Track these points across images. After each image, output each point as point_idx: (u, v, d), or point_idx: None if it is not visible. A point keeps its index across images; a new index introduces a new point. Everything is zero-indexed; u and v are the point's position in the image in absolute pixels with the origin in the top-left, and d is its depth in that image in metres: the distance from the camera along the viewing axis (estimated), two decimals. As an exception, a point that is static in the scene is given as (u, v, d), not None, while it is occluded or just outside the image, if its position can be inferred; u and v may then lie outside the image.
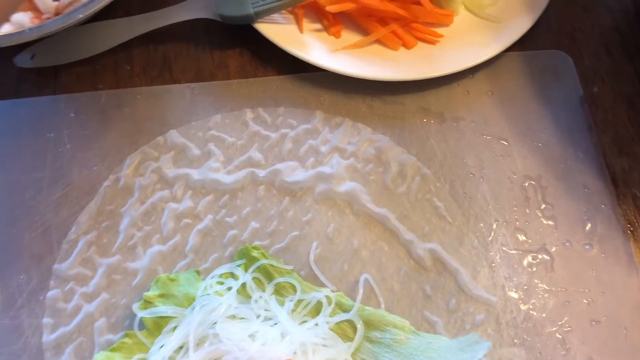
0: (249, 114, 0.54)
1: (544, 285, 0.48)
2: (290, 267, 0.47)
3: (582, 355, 0.46)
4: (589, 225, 0.51)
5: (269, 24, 0.55)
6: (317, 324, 0.44)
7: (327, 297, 0.45)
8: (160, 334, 0.43)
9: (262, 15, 0.55)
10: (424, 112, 0.55)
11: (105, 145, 0.52)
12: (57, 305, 0.46)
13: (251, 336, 0.42)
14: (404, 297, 0.47)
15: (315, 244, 0.49)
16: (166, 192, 0.50)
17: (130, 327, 0.45)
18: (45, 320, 0.46)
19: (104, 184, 0.51)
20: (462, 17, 0.58)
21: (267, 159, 0.52)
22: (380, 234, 0.49)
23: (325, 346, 0.43)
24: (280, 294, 0.46)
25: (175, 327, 0.43)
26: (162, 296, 0.45)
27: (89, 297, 0.47)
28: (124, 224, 0.49)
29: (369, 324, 0.44)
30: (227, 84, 0.56)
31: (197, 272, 0.46)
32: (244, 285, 0.45)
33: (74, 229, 0.49)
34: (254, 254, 0.46)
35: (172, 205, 0.50)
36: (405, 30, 0.56)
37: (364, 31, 0.57)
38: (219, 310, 0.43)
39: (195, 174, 0.51)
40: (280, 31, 0.55)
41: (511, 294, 0.48)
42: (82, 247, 0.48)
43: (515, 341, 0.46)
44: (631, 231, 0.51)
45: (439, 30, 0.57)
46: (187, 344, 0.42)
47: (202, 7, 0.55)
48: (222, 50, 0.58)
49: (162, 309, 0.44)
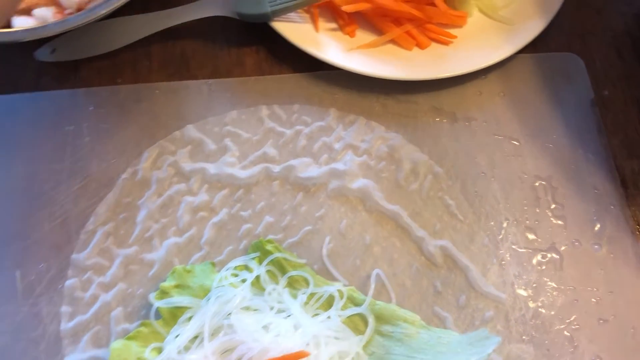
0: (265, 111, 0.55)
1: (552, 283, 0.49)
2: (303, 260, 0.48)
3: (589, 353, 0.46)
4: (598, 225, 0.51)
5: (285, 23, 0.56)
6: (329, 317, 0.44)
7: (339, 291, 0.46)
8: (175, 323, 0.44)
9: (278, 13, 0.55)
10: (436, 111, 0.56)
11: (123, 138, 0.53)
12: (75, 294, 0.47)
13: (265, 327, 0.43)
14: (414, 292, 0.48)
15: (328, 238, 0.50)
16: (183, 186, 0.51)
17: (146, 316, 0.46)
18: (63, 308, 0.47)
19: (122, 177, 0.52)
20: (475, 19, 0.59)
21: (282, 155, 0.53)
22: (392, 231, 0.50)
23: (337, 339, 0.44)
24: (293, 287, 0.46)
25: (190, 317, 0.44)
26: (178, 287, 0.46)
27: (106, 287, 0.48)
28: (141, 216, 0.50)
29: (380, 318, 0.45)
30: (243, 80, 0.57)
31: (213, 264, 0.47)
32: (258, 277, 0.46)
33: (92, 219, 0.50)
34: (268, 247, 0.47)
35: (189, 198, 0.51)
36: (419, 30, 0.57)
37: (378, 31, 0.58)
38: (234, 301, 0.44)
39: (211, 169, 0.52)
40: (296, 30, 0.56)
41: (520, 291, 0.48)
42: (100, 238, 0.49)
43: (523, 338, 0.47)
44: (640, 232, 0.51)
45: (453, 31, 0.58)
46: (202, 334, 0.43)
47: (220, 5, 0.56)
48: (239, 47, 0.59)
49: (178, 299, 0.45)
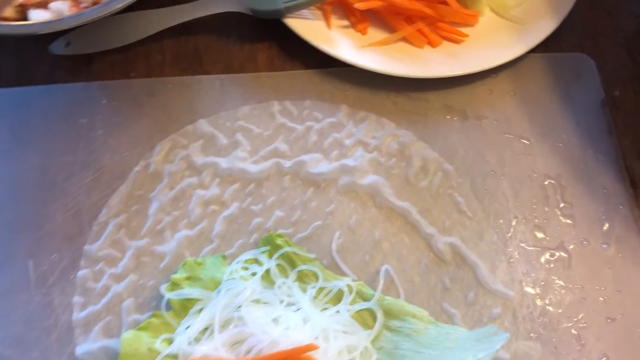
0: (276, 106, 0.55)
1: (560, 281, 0.49)
2: (312, 255, 0.48)
3: (597, 351, 0.46)
4: (607, 225, 0.51)
5: (298, 19, 0.57)
6: (338, 311, 0.45)
7: (348, 285, 0.46)
8: (186, 315, 0.45)
9: (291, 10, 0.56)
10: (447, 109, 0.56)
11: (136, 132, 0.54)
12: (87, 284, 0.48)
13: (274, 320, 0.43)
14: (423, 288, 0.48)
15: (337, 234, 0.50)
16: (194, 179, 0.52)
17: (157, 307, 0.46)
18: (75, 298, 0.47)
19: (135, 170, 0.52)
20: (487, 18, 0.59)
21: (293, 150, 0.54)
22: (401, 227, 0.50)
23: (345, 333, 0.44)
24: (302, 281, 0.47)
25: (201, 309, 0.45)
26: (189, 279, 0.46)
27: (118, 278, 0.48)
28: (153, 208, 0.51)
29: (388, 313, 0.45)
30: (255, 76, 0.57)
31: (223, 257, 0.47)
32: (268, 271, 0.46)
33: (104, 211, 0.50)
34: (278, 241, 0.48)
35: (200, 192, 0.51)
36: (431, 29, 0.58)
37: (390, 29, 0.58)
38: (244, 294, 0.44)
39: (223, 163, 0.52)
40: (308, 26, 0.56)
41: (528, 289, 0.48)
42: (112, 230, 0.50)
43: (531, 335, 0.47)
44: (648, 232, 0.51)
45: (464, 30, 0.58)
46: (213, 326, 0.43)
47: (233, 1, 0.57)
48: (251, 43, 0.59)
49: (189, 291, 0.45)
